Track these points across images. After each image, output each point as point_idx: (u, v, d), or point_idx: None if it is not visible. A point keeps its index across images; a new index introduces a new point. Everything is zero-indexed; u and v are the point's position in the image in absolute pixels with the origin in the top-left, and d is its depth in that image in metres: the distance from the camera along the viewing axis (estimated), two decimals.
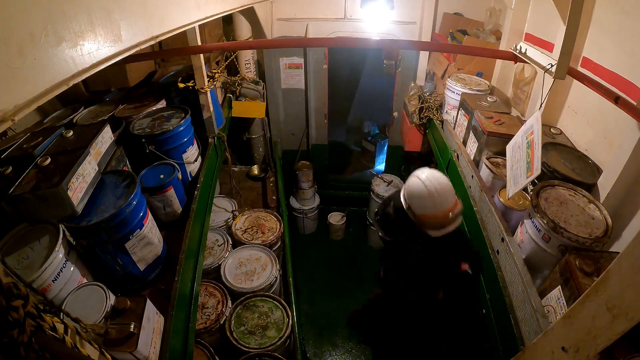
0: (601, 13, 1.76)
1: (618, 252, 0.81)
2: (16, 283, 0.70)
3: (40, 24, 0.76)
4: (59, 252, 1.27)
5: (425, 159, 3.89)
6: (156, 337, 1.30)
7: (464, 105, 2.48)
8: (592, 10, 1.80)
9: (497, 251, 1.67)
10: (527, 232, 1.52)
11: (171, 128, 2.06)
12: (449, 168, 2.44)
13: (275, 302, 2.38)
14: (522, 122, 2.01)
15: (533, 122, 1.51)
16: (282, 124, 4.42)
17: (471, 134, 2.31)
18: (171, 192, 1.99)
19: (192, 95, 2.38)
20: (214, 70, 2.69)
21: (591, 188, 1.64)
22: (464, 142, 2.44)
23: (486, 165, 2.02)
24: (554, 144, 1.90)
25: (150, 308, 1.29)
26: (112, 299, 1.28)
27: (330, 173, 5.00)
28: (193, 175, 2.30)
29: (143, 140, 2.01)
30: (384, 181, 4.18)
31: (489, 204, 1.80)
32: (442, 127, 2.91)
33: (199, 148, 2.39)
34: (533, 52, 1.80)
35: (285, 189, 3.93)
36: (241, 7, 2.66)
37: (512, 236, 1.60)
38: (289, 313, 2.32)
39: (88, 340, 0.95)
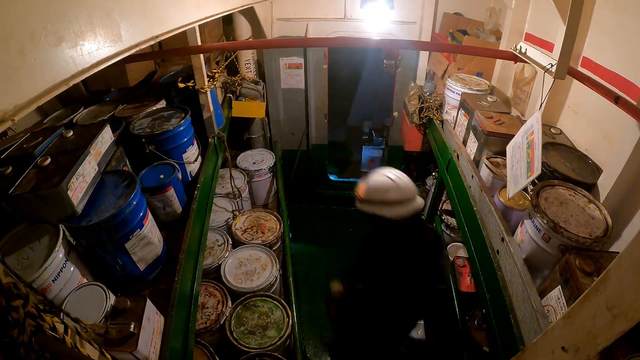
0: (601, 13, 1.76)
1: (618, 252, 0.80)
2: (16, 283, 0.70)
3: (40, 24, 0.76)
4: (59, 252, 1.27)
5: (425, 158, 3.89)
6: (156, 337, 1.30)
7: (464, 105, 2.48)
8: (592, 10, 1.80)
9: (497, 251, 1.67)
10: (527, 232, 1.52)
11: (171, 128, 2.06)
12: (449, 168, 2.44)
13: (275, 302, 2.37)
14: (522, 122, 2.01)
15: (533, 122, 1.51)
16: (282, 123, 4.42)
17: (471, 134, 2.31)
18: (171, 192, 1.99)
19: (192, 95, 2.37)
20: (214, 70, 2.69)
21: (591, 188, 1.63)
22: (464, 142, 2.44)
23: (486, 165, 2.02)
24: (554, 144, 1.90)
25: (150, 308, 1.29)
26: (112, 299, 1.28)
27: (331, 173, 5.01)
28: (193, 175, 2.30)
29: (143, 140, 2.01)
30: None
31: (489, 204, 1.80)
32: (442, 127, 2.91)
33: (199, 148, 2.39)
34: (533, 52, 1.80)
35: (285, 189, 3.94)
36: (241, 7, 2.66)
37: (512, 236, 1.60)
38: (289, 313, 2.32)
39: (88, 340, 0.95)
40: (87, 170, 1.45)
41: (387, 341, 1.90)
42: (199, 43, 2.11)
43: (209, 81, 2.36)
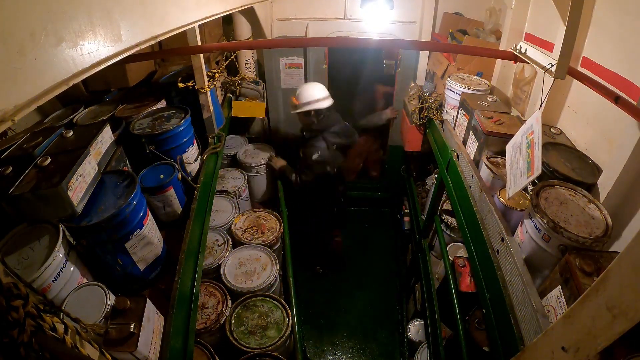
0: (601, 13, 1.76)
1: (618, 252, 0.80)
2: (16, 283, 0.70)
3: (40, 24, 0.76)
4: (59, 252, 1.27)
5: (425, 158, 3.89)
6: (156, 337, 1.31)
7: (464, 105, 2.48)
8: (592, 10, 1.80)
9: (497, 251, 1.67)
10: (527, 232, 1.52)
11: (171, 128, 2.06)
12: (449, 168, 2.44)
13: (275, 302, 2.37)
14: (522, 122, 2.01)
15: (533, 122, 1.51)
16: (282, 124, 4.42)
17: (471, 134, 2.31)
18: (171, 192, 1.99)
19: (192, 95, 2.37)
20: (214, 70, 2.69)
21: (591, 188, 1.63)
22: (464, 142, 2.44)
23: (486, 165, 2.02)
24: (554, 143, 1.90)
25: (150, 308, 1.29)
26: (112, 299, 1.28)
27: None
28: (193, 175, 2.30)
29: (143, 140, 2.01)
30: None
31: (489, 203, 1.80)
32: (442, 127, 2.91)
33: (199, 148, 2.39)
34: (533, 52, 1.80)
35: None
36: (241, 7, 2.66)
37: (512, 236, 1.60)
38: (289, 313, 2.31)
39: (88, 340, 0.95)
40: (87, 170, 1.45)
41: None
42: (199, 43, 2.11)
43: (209, 81, 2.36)
